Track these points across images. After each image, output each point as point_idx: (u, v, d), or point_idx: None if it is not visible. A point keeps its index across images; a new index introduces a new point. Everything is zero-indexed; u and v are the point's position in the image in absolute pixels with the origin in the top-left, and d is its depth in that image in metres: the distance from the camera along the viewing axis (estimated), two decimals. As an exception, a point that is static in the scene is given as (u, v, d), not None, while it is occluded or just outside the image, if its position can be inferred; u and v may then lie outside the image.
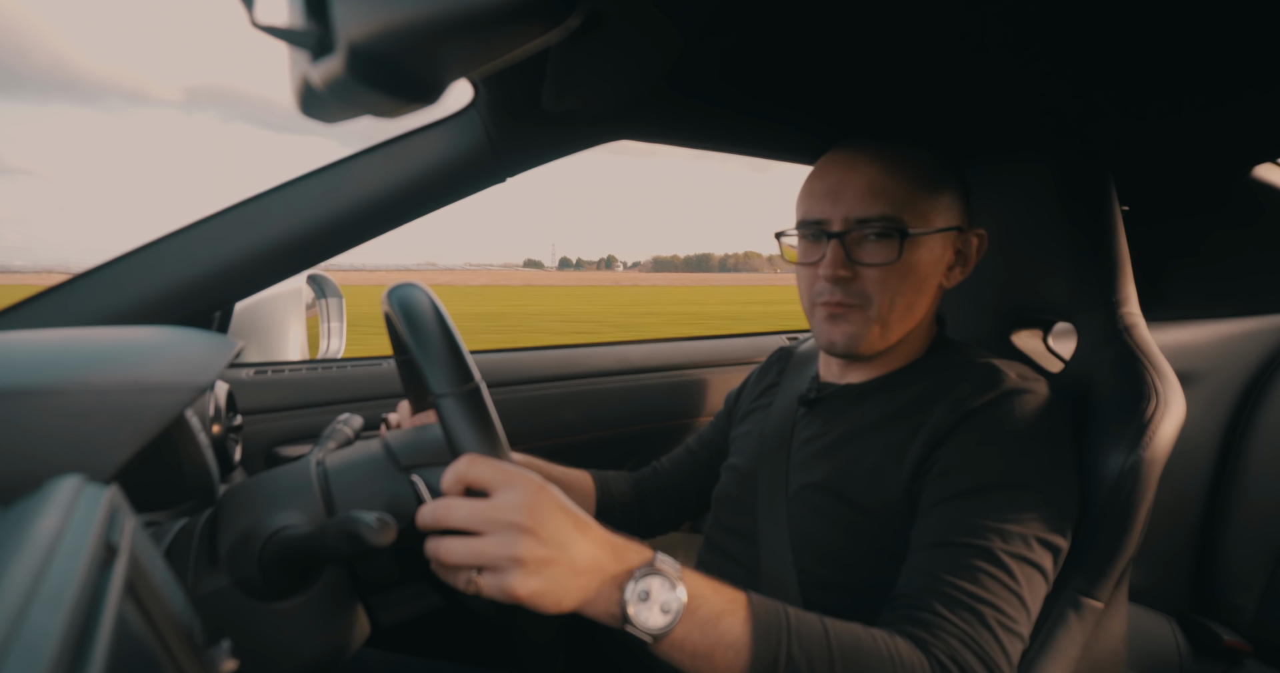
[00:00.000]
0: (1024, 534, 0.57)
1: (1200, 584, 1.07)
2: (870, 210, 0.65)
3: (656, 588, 0.47)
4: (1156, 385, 0.65)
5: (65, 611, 0.22)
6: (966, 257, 0.71)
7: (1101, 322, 0.71)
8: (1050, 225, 0.75)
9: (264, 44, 35.86)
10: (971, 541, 0.57)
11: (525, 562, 0.44)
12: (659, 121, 0.88)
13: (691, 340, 1.44)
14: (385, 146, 0.86)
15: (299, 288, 1.35)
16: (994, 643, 0.53)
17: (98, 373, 0.47)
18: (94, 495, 0.32)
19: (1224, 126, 0.84)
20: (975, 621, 0.54)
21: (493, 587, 0.45)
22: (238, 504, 0.53)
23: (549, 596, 0.45)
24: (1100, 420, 0.66)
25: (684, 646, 0.48)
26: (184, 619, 0.34)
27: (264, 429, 0.99)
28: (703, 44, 0.65)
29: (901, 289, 0.66)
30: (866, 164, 0.67)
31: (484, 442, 0.48)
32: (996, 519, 0.57)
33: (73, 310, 0.79)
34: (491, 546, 0.45)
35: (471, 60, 0.44)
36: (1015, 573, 0.56)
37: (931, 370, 0.69)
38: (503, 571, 0.45)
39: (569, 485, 0.84)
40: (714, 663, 0.48)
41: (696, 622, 0.48)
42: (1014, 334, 0.82)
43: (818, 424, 0.73)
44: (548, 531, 0.46)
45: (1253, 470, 1.02)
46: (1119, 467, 0.62)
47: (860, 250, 0.66)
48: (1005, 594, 0.55)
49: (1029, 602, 0.56)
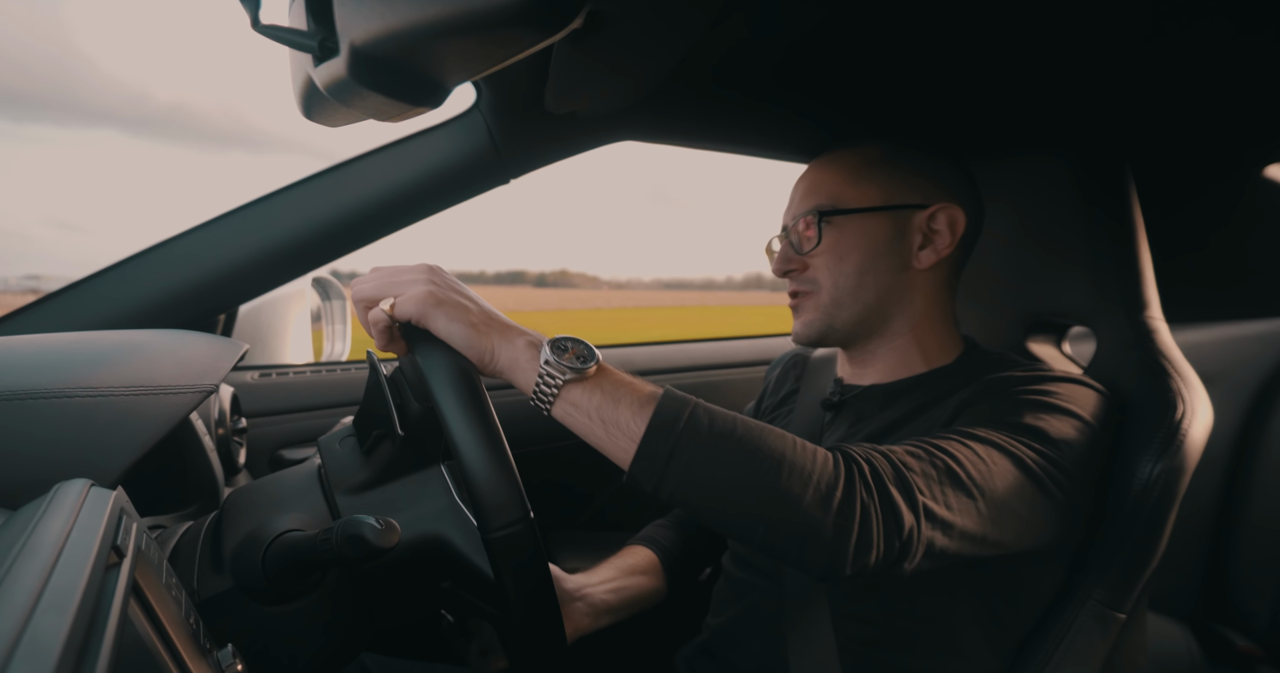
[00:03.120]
0: (1023, 446, 0.54)
1: (1213, 590, 1.06)
2: (805, 205, 0.70)
3: (572, 345, 0.51)
4: (1183, 392, 0.62)
5: (71, 613, 0.22)
6: (940, 235, 0.68)
7: (1122, 327, 0.68)
8: (1068, 225, 0.72)
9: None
10: (961, 433, 0.55)
11: (434, 287, 0.50)
12: (662, 122, 0.88)
13: (697, 343, 1.44)
14: (389, 149, 0.87)
15: (303, 290, 1.35)
16: (926, 471, 0.50)
17: (103, 376, 0.47)
18: (100, 499, 0.32)
19: (1235, 127, 0.83)
20: (917, 452, 0.52)
21: (405, 302, 0.49)
22: (242, 507, 0.54)
23: (463, 333, 0.49)
24: (1125, 429, 0.64)
25: (590, 399, 0.49)
26: (188, 622, 0.34)
27: (268, 432, 0.99)
28: (707, 43, 0.65)
29: (844, 270, 0.68)
30: (813, 167, 0.73)
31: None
32: (998, 432, 0.54)
33: (78, 314, 0.80)
34: (400, 274, 0.51)
35: (475, 63, 0.44)
36: (992, 455, 0.53)
37: (966, 370, 0.68)
38: (412, 291, 0.50)
39: (651, 584, 0.78)
40: (618, 418, 0.48)
41: (609, 379, 0.50)
42: (1029, 340, 0.80)
43: (844, 427, 0.72)
44: (450, 279, 0.52)
45: (1265, 474, 1.01)
46: (1146, 476, 0.60)
47: (803, 242, 0.70)
48: (969, 455, 0.52)
49: (998, 483, 0.52)
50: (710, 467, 0.47)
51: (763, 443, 0.48)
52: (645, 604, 0.77)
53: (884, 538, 0.47)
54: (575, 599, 0.69)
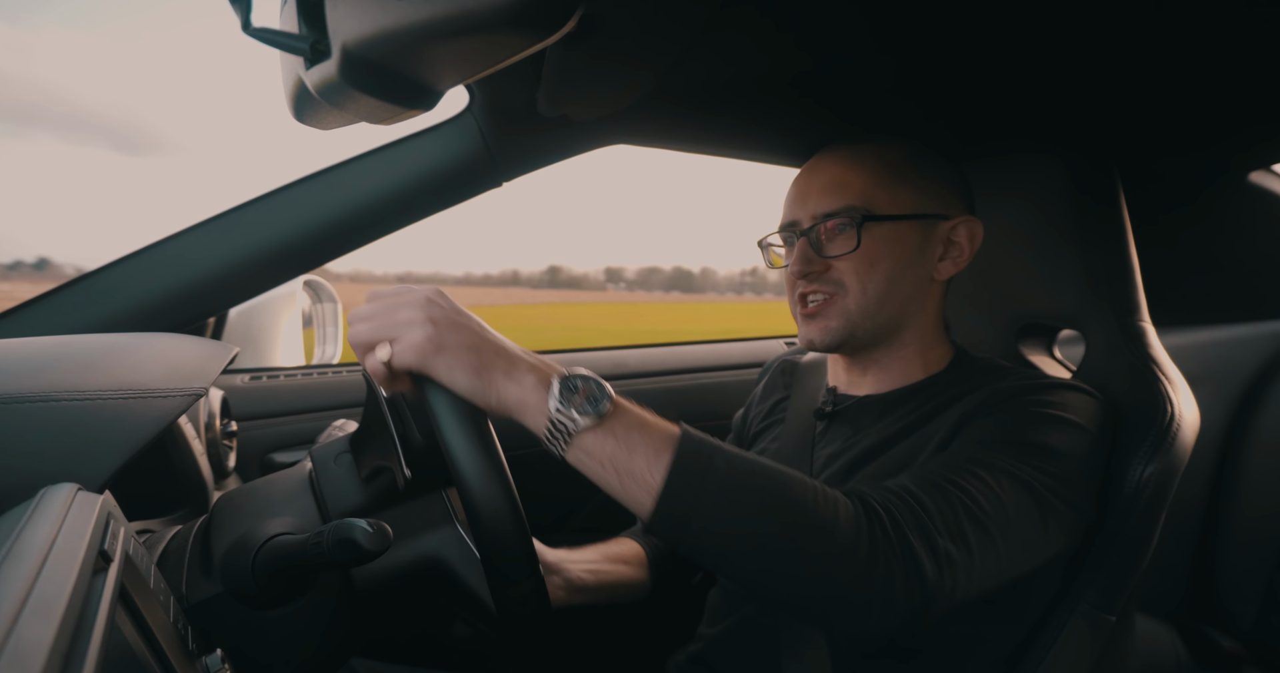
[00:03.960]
0: (1024, 482, 0.53)
1: (1199, 591, 1.07)
2: (832, 204, 0.66)
3: (583, 385, 0.47)
4: (1171, 396, 0.63)
5: (56, 619, 0.22)
6: (959, 247, 0.68)
7: (1111, 330, 0.69)
8: (1058, 228, 0.73)
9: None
10: (968, 457, 0.54)
11: (432, 329, 0.46)
12: (655, 126, 0.88)
13: (689, 345, 1.44)
14: (381, 151, 0.86)
15: (295, 293, 1.34)
16: (945, 511, 0.49)
17: (91, 380, 0.47)
18: (87, 503, 0.31)
19: (1222, 132, 0.84)
20: (932, 490, 0.51)
21: (403, 351, 0.46)
22: (232, 511, 0.53)
23: (466, 382, 0.46)
24: (1115, 432, 0.64)
25: (603, 447, 0.46)
26: (177, 627, 0.34)
27: (258, 435, 0.99)
28: (701, 47, 0.65)
29: (874, 276, 0.65)
30: (832, 162, 0.68)
31: None
32: (1004, 456, 0.54)
33: (66, 317, 0.79)
34: (396, 312, 0.47)
35: (468, 66, 0.44)
36: (1003, 484, 0.52)
37: (961, 381, 0.67)
38: (410, 338, 0.46)
39: (620, 557, 0.77)
40: (633, 468, 0.46)
41: (622, 422, 0.47)
42: (1021, 343, 0.81)
43: (839, 440, 0.70)
44: (450, 309, 0.48)
45: (1251, 477, 1.02)
46: (1136, 479, 0.61)
47: (829, 244, 0.66)
48: (981, 488, 0.51)
49: (1012, 513, 0.52)
50: (730, 524, 0.46)
51: (784, 496, 0.46)
52: (624, 594, 0.74)
53: (908, 596, 0.46)
54: (552, 573, 0.68)
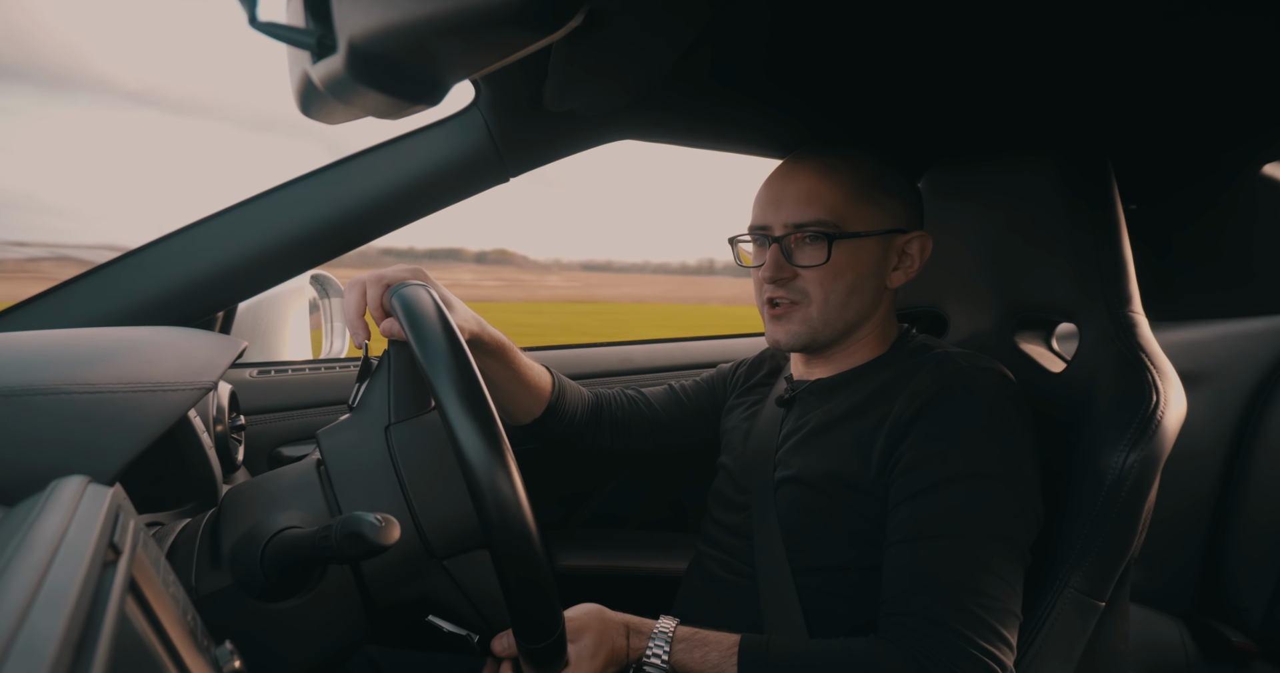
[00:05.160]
0: (991, 519, 0.60)
1: (1208, 586, 1.06)
2: (805, 216, 0.70)
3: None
4: (1157, 384, 0.65)
5: (67, 611, 0.22)
6: (911, 259, 0.74)
7: (1103, 321, 0.71)
8: (1053, 223, 0.74)
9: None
10: (941, 533, 0.60)
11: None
12: (662, 121, 0.88)
13: (695, 341, 1.44)
14: (388, 146, 0.86)
15: (302, 287, 1.35)
16: (981, 629, 0.57)
17: (101, 373, 0.47)
18: (97, 496, 0.32)
19: (1232, 124, 0.83)
20: (959, 616, 0.57)
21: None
22: (240, 504, 0.54)
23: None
24: (1102, 419, 0.66)
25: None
26: (186, 619, 0.34)
27: (267, 429, 0.99)
28: (707, 43, 0.65)
29: (836, 288, 0.71)
30: (806, 172, 0.72)
31: None
32: (963, 509, 0.61)
33: (76, 310, 0.80)
34: None
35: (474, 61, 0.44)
36: (989, 557, 0.59)
37: (893, 364, 0.73)
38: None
39: (525, 381, 0.82)
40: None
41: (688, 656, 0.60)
42: (1017, 335, 0.82)
43: (793, 420, 0.77)
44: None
45: (1261, 472, 1.01)
46: (1119, 465, 0.63)
47: (799, 253, 0.72)
48: (983, 576, 0.58)
49: (1009, 580, 0.59)
50: None
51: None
52: (513, 382, 0.80)
53: None
54: (471, 320, 0.73)
